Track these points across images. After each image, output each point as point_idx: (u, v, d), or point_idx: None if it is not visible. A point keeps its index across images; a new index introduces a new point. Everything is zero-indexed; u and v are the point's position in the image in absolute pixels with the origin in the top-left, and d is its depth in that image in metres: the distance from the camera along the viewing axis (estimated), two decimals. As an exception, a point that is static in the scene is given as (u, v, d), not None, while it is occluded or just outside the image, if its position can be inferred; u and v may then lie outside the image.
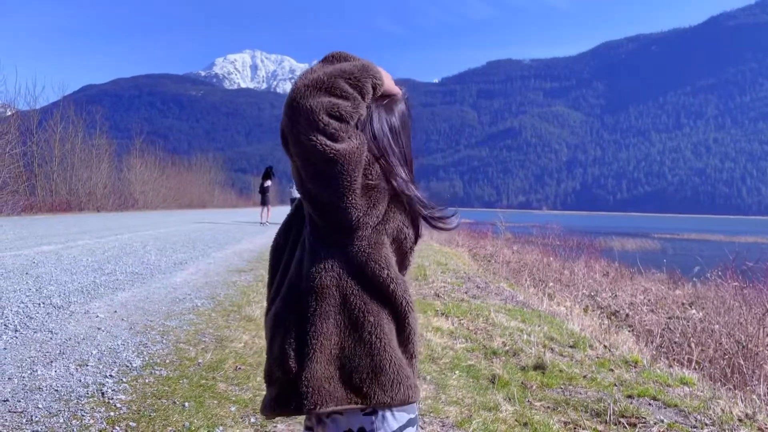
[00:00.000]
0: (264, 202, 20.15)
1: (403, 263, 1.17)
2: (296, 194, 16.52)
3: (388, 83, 1.12)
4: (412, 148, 1.21)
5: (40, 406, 2.68)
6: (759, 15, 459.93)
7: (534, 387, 3.47)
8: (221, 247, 10.89)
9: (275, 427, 2.64)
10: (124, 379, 3.10)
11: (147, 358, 3.51)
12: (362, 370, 1.02)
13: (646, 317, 7.55)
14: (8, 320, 4.27)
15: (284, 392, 1.04)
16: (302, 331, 1.02)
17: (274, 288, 1.15)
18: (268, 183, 20.09)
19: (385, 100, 1.14)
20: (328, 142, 0.95)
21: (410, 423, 1.07)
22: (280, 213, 24.59)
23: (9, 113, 24.28)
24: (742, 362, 5.20)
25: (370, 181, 1.04)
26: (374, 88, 1.05)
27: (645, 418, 3.01)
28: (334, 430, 1.06)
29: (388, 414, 1.05)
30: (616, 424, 2.92)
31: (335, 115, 0.96)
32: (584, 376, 3.76)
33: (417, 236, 1.17)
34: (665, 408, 3.26)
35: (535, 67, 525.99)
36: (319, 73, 0.98)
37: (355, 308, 1.03)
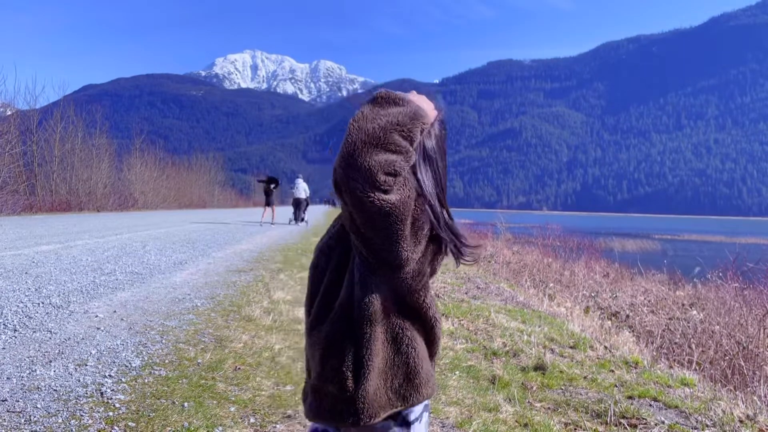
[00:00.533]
0: (269, 203, 20.94)
1: (432, 275, 1.29)
2: (298, 195, 16.67)
3: (431, 114, 1.15)
4: None
5: (38, 405, 2.67)
6: (759, 16, 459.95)
7: (534, 388, 3.46)
8: (221, 247, 10.88)
9: (275, 427, 2.64)
10: (123, 379, 3.10)
11: (146, 358, 3.50)
12: (401, 376, 1.17)
13: (646, 318, 7.54)
14: (7, 320, 4.26)
15: (338, 406, 1.15)
16: (358, 355, 1.13)
17: (316, 308, 1.22)
18: (272, 185, 21.18)
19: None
20: (384, 197, 1.01)
21: (426, 408, 1.26)
22: (281, 213, 24.63)
23: (9, 112, 24.29)
24: (742, 363, 5.19)
25: (419, 222, 1.10)
26: (421, 133, 1.10)
27: (646, 419, 3.00)
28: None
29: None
30: (616, 425, 2.91)
31: (391, 172, 1.01)
32: (585, 377, 3.75)
33: (445, 255, 1.27)
34: (666, 409, 3.25)
35: (535, 67, 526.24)
36: (374, 126, 1.02)
37: (396, 327, 1.17)
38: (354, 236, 1.11)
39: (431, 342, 1.25)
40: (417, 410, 1.21)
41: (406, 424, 1.20)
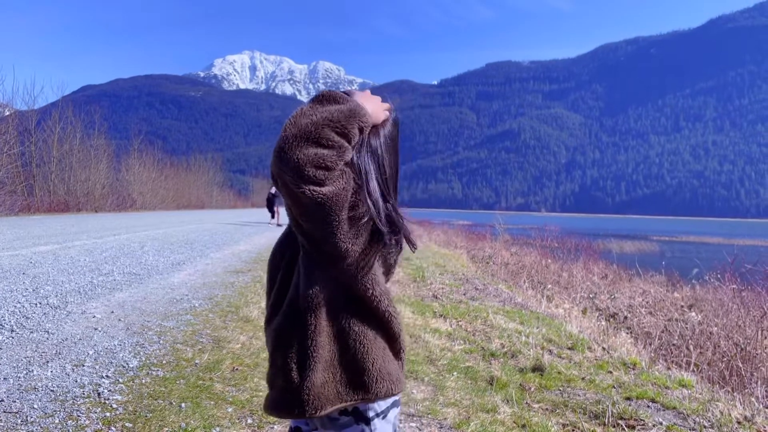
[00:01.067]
0: (275, 209, 22.31)
1: (388, 273, 1.31)
2: None
3: (376, 115, 1.18)
4: (413, 149, 1.23)
5: (35, 406, 2.67)
6: (758, 18, 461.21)
7: (532, 389, 3.46)
8: (219, 248, 10.87)
9: (272, 428, 2.63)
10: (120, 380, 3.09)
11: (144, 359, 3.49)
12: (349, 371, 1.16)
13: (644, 319, 7.55)
14: (5, 320, 4.25)
15: (286, 398, 1.15)
16: (303, 346, 1.14)
17: (271, 302, 1.25)
18: (274, 189, 21.86)
19: (372, 128, 1.20)
20: (315, 188, 1.02)
21: (395, 404, 1.23)
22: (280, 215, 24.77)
23: (7, 113, 24.27)
24: (740, 364, 5.19)
25: (357, 213, 1.11)
26: (361, 130, 1.12)
27: (644, 420, 3.00)
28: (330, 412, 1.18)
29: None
30: (614, 426, 2.91)
31: (321, 166, 1.03)
32: (583, 378, 3.75)
33: (401, 249, 1.28)
34: (664, 410, 3.26)
35: (534, 69, 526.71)
36: (307, 121, 1.04)
37: (343, 320, 1.17)
38: (296, 229, 1.14)
39: (391, 338, 1.23)
40: (379, 406, 1.19)
41: (365, 420, 1.18)
